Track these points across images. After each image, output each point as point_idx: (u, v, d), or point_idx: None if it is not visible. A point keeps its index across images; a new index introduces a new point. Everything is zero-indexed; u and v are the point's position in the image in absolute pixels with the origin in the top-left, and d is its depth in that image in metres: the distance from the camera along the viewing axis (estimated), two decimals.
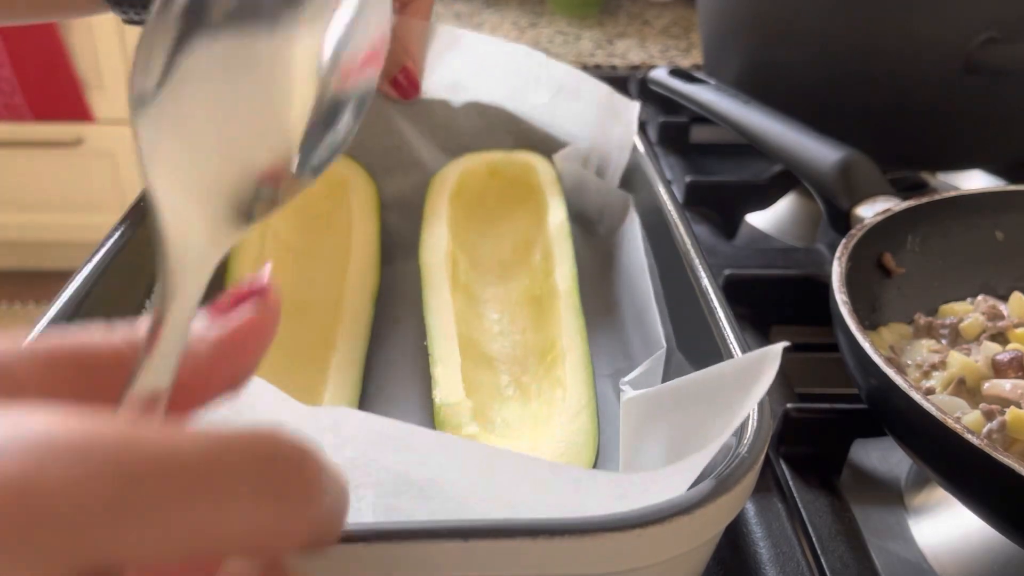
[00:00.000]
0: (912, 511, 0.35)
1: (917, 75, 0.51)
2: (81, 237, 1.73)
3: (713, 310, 0.33)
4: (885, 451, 0.38)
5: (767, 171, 0.61)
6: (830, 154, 0.46)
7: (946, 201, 0.42)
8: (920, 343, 0.38)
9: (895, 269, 0.40)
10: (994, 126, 0.54)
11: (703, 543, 0.24)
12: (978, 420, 0.32)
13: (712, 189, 0.60)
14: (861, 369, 0.32)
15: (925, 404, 0.28)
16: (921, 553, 0.33)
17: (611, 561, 0.22)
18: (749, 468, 0.24)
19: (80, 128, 1.65)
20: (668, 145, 0.69)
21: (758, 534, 0.33)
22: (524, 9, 1.17)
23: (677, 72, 0.64)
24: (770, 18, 0.56)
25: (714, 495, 0.23)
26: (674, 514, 0.22)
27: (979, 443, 0.27)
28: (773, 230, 0.59)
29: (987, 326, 0.38)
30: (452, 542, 0.21)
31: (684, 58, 1.00)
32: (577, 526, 0.21)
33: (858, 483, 0.37)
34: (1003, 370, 0.35)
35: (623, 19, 1.14)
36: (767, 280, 0.47)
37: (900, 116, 0.53)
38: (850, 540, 0.33)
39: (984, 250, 0.42)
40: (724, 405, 0.25)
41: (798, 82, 0.56)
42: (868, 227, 0.39)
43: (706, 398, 0.27)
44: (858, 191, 0.44)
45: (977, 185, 0.63)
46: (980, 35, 0.49)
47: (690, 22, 1.14)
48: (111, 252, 0.36)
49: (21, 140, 1.66)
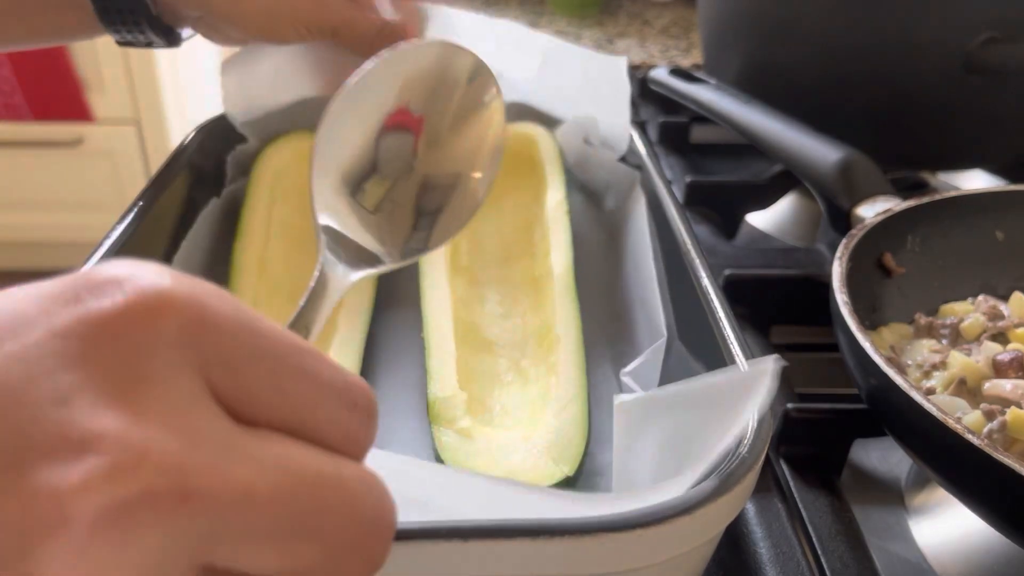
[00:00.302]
0: (912, 511, 0.35)
1: (917, 75, 0.51)
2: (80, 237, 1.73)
3: (713, 310, 0.33)
4: (885, 451, 0.38)
5: (767, 171, 0.61)
6: (830, 154, 0.46)
7: (946, 201, 0.42)
8: (920, 343, 0.38)
9: (895, 269, 0.40)
10: (994, 126, 0.54)
11: (703, 543, 0.24)
12: (979, 420, 0.32)
13: (712, 189, 0.60)
14: (861, 369, 0.32)
15: (925, 404, 0.28)
16: (921, 553, 0.33)
17: (611, 561, 0.22)
18: (749, 468, 0.24)
19: (80, 128, 1.65)
20: (668, 145, 0.69)
21: (758, 534, 0.33)
22: (524, 9, 1.17)
23: (677, 72, 0.64)
24: (770, 18, 0.56)
25: (714, 495, 0.23)
26: (674, 514, 0.22)
27: (979, 443, 0.26)
28: (773, 230, 0.59)
29: (987, 326, 0.38)
30: (452, 543, 0.21)
31: (684, 58, 1.00)
32: (577, 527, 0.21)
33: (858, 483, 0.37)
34: (1004, 370, 0.35)
35: (623, 19, 1.14)
36: (767, 280, 0.47)
37: (900, 116, 0.53)
38: (850, 540, 0.33)
39: (984, 250, 0.42)
40: (715, 418, 0.26)
41: (798, 82, 0.56)
42: (868, 227, 0.39)
43: (697, 408, 0.27)
44: (858, 191, 0.44)
45: (977, 185, 0.63)
46: (980, 35, 0.49)
47: (690, 22, 1.14)
48: (110, 252, 0.36)
49: (21, 140, 1.66)
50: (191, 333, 0.15)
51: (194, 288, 0.15)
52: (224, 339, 0.15)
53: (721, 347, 0.31)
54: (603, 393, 0.38)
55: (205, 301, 0.15)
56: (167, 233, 0.42)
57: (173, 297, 0.15)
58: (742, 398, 0.25)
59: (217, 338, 0.15)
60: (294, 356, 0.16)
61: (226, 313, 0.15)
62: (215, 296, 0.16)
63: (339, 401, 0.17)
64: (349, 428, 0.17)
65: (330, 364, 0.17)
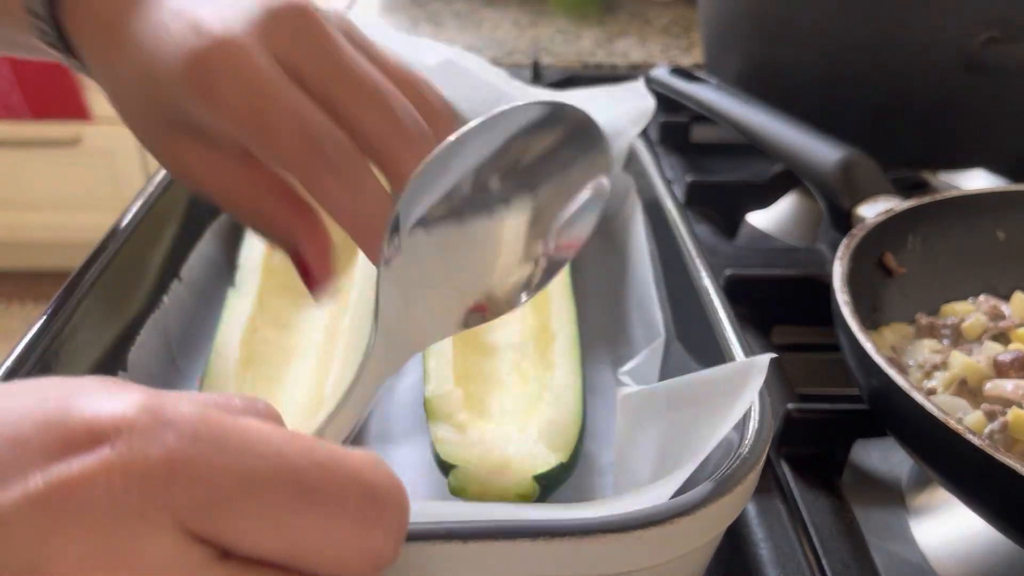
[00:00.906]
0: (913, 512, 0.35)
1: (918, 74, 0.51)
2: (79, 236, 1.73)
3: (714, 311, 0.33)
4: (886, 451, 0.38)
5: (768, 171, 0.61)
6: (831, 153, 0.46)
7: (947, 201, 0.42)
8: (922, 343, 0.38)
9: (896, 269, 0.40)
10: (995, 125, 0.54)
11: (704, 544, 0.24)
12: (980, 421, 0.32)
13: (713, 189, 0.59)
14: (862, 369, 0.32)
15: (927, 405, 0.28)
16: (922, 554, 0.33)
17: (612, 563, 0.22)
18: (750, 468, 0.24)
19: (78, 127, 1.65)
20: (669, 144, 0.69)
21: (759, 535, 0.33)
22: (524, 7, 1.17)
23: (678, 71, 0.64)
24: (771, 17, 0.55)
25: (715, 496, 0.23)
26: (675, 515, 0.22)
27: (981, 444, 0.26)
28: (774, 230, 0.59)
29: (989, 326, 0.38)
30: (451, 544, 0.21)
31: (685, 57, 0.99)
32: (577, 528, 0.21)
33: (859, 483, 0.37)
34: (1005, 370, 0.35)
35: (624, 18, 1.14)
36: (768, 280, 0.47)
37: (901, 115, 0.53)
38: (851, 541, 0.33)
39: (986, 250, 0.42)
40: (712, 411, 0.26)
41: (799, 81, 0.56)
42: (869, 227, 0.39)
43: (695, 402, 0.27)
44: (859, 191, 0.44)
45: (979, 184, 0.63)
46: (981, 34, 0.49)
47: (691, 21, 1.14)
48: (109, 251, 0.36)
49: (19, 139, 1.66)
50: (164, 491, 0.14)
51: (165, 434, 0.15)
52: (198, 488, 0.14)
53: (722, 347, 0.31)
54: (603, 394, 0.38)
55: (178, 448, 0.14)
56: (171, 235, 0.42)
57: (146, 457, 0.14)
58: (735, 394, 0.25)
59: (191, 489, 0.14)
60: (291, 482, 0.15)
61: (203, 455, 0.15)
62: (189, 431, 0.15)
63: (355, 525, 0.16)
64: (364, 549, 0.16)
65: (344, 475, 0.16)
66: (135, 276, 0.37)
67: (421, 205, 0.25)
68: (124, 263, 0.37)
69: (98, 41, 0.31)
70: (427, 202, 0.25)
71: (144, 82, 0.30)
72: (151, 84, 0.29)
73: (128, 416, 0.15)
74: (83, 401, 0.15)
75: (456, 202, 0.25)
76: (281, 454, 0.15)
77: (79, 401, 0.15)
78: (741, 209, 0.60)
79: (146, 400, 0.15)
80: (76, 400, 0.15)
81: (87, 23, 0.31)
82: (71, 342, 0.32)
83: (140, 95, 0.30)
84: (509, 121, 0.26)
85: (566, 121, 0.27)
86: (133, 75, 0.30)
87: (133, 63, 0.29)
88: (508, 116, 0.25)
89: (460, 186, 0.25)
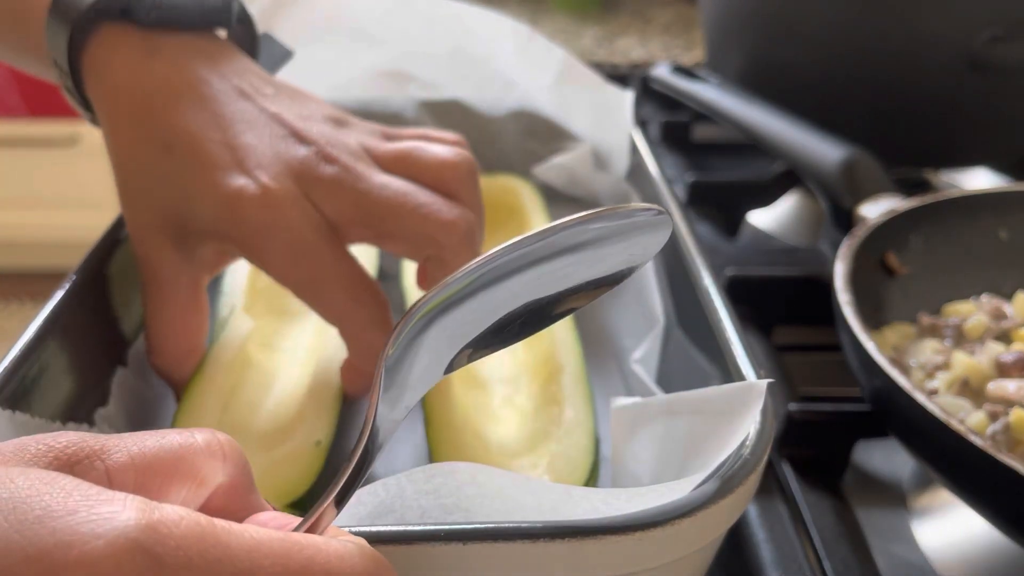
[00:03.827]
0: (915, 513, 0.35)
1: (921, 73, 0.51)
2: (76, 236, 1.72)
3: (715, 311, 0.33)
4: (888, 452, 0.38)
5: (770, 170, 0.61)
6: (833, 152, 0.46)
7: (950, 201, 0.41)
8: (924, 343, 0.38)
9: (899, 269, 0.40)
10: (998, 124, 0.53)
11: (706, 546, 0.24)
12: (982, 421, 0.32)
13: (714, 188, 0.59)
14: (864, 370, 0.32)
15: (929, 405, 0.28)
16: (924, 555, 0.33)
17: (613, 564, 0.22)
18: (752, 470, 0.24)
19: (76, 126, 1.65)
20: (670, 144, 0.69)
21: (761, 536, 0.33)
22: (525, 6, 1.17)
23: (679, 70, 0.64)
24: (773, 15, 0.55)
25: (717, 497, 0.23)
26: (676, 517, 0.22)
27: (983, 444, 0.26)
28: (776, 229, 0.59)
29: (991, 326, 0.38)
30: (451, 545, 0.21)
31: (686, 55, 0.99)
32: (578, 529, 0.21)
33: (861, 485, 0.36)
34: (1007, 371, 0.34)
35: (624, 16, 1.14)
36: (770, 280, 0.47)
37: (904, 114, 0.53)
38: (853, 542, 0.33)
39: (988, 250, 0.42)
40: (707, 435, 0.25)
41: (801, 80, 0.55)
42: (872, 227, 0.39)
43: (691, 418, 0.27)
44: (861, 190, 0.44)
45: (981, 183, 0.63)
46: (984, 33, 0.49)
47: (692, 19, 1.13)
48: (107, 251, 0.36)
49: (16, 138, 1.66)
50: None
51: (148, 558, 0.14)
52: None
53: (722, 347, 0.31)
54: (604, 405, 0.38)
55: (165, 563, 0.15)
56: None
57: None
58: (732, 413, 0.25)
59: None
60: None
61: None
62: (182, 561, 0.15)
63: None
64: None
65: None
66: (134, 274, 0.37)
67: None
68: (121, 262, 0.37)
69: (123, 124, 0.33)
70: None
71: (168, 192, 0.32)
72: (179, 200, 0.32)
73: (122, 563, 0.14)
74: (68, 536, 0.14)
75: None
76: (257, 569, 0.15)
77: (64, 537, 0.14)
78: (742, 209, 0.60)
79: (138, 536, 0.15)
80: (60, 536, 0.14)
81: (107, 97, 0.33)
82: (71, 342, 0.32)
83: (158, 202, 0.33)
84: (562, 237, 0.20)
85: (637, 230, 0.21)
86: (157, 176, 0.32)
87: (161, 167, 0.32)
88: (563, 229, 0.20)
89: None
